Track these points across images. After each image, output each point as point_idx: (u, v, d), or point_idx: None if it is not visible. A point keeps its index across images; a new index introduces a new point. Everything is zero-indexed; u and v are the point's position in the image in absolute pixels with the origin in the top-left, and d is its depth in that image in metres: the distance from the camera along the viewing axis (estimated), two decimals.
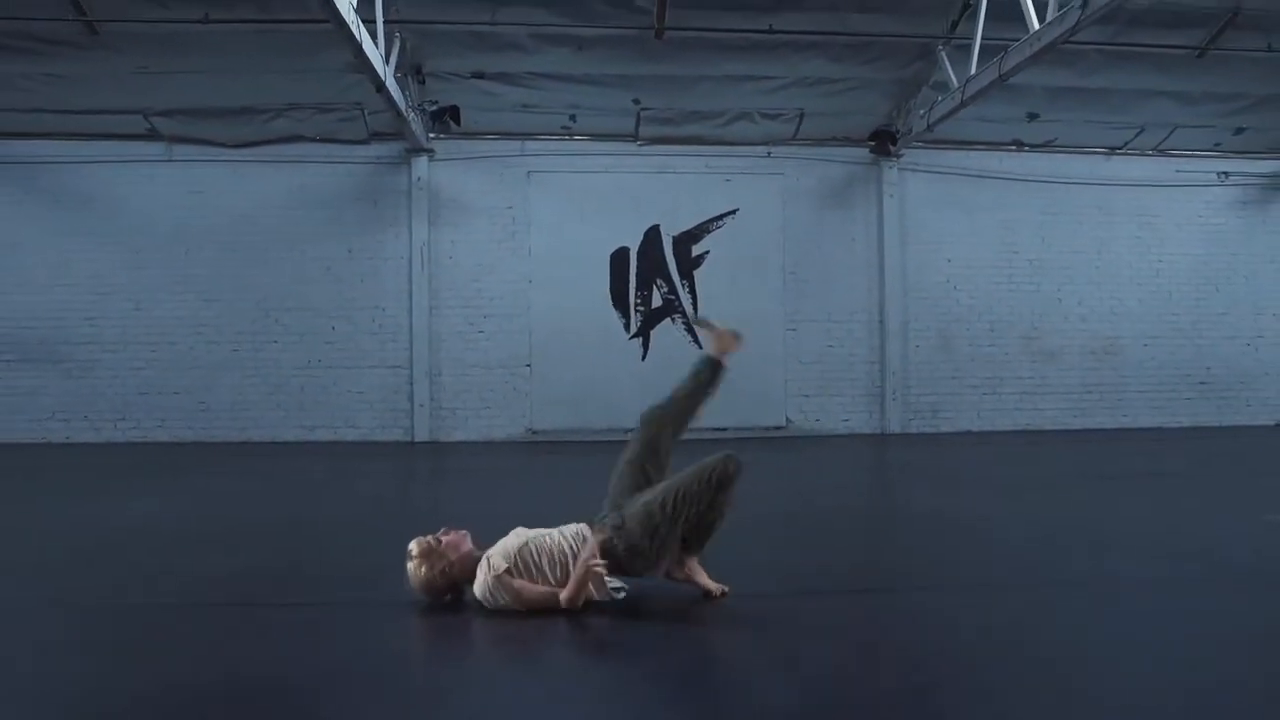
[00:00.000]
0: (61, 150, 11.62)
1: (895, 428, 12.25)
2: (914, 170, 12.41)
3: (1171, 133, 12.46)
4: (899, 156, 12.20)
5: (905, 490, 8.66)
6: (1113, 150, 12.75)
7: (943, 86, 10.75)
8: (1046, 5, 8.30)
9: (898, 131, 11.74)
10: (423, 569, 3.77)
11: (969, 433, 12.31)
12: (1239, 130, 12.39)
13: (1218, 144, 12.82)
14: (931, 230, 12.44)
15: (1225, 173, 12.90)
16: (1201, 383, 12.85)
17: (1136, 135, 12.48)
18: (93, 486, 8.34)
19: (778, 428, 12.07)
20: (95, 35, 10.00)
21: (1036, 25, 8.53)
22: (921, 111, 11.23)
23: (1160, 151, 12.80)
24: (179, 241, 11.73)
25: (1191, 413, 12.80)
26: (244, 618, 3.92)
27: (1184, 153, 12.85)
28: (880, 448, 11.55)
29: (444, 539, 3.80)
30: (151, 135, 11.62)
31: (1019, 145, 12.53)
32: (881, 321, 12.31)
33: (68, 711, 2.93)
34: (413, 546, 3.80)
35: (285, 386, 11.77)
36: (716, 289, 12.11)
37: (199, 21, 9.78)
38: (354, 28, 8.03)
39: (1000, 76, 9.23)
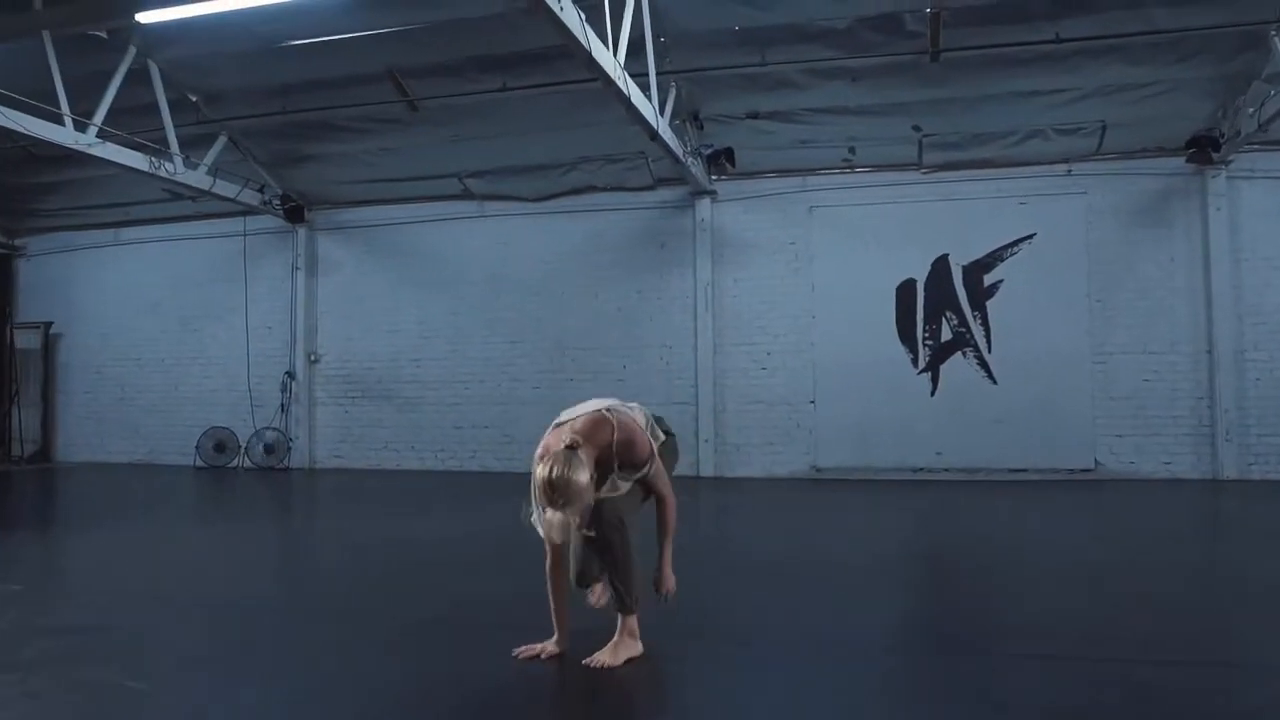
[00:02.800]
0: (393, 214, 13.27)
1: (1231, 472, 10.74)
2: (1248, 177, 10.91)
3: None
4: (1226, 163, 10.80)
5: (1237, 546, 7.57)
6: None
7: (1278, 79, 9.39)
8: None
9: (1222, 136, 10.38)
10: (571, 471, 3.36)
11: None
12: None
13: None
14: (1272, 245, 10.85)
15: None
16: None
17: None
18: (425, 507, 9.45)
19: (1085, 470, 11.02)
20: (415, 112, 11.35)
21: None
22: (1251, 110, 9.85)
23: None
24: (490, 289, 12.90)
25: None
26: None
27: None
28: (1211, 495, 10.18)
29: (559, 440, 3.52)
30: (465, 195, 12.92)
31: None
32: (1210, 351, 10.89)
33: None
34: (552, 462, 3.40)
35: None
36: (1013, 320, 11.34)
37: (498, 90, 10.82)
38: (621, 84, 8.47)
39: None
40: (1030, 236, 11.38)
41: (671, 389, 12.24)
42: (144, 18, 8.74)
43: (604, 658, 3.74)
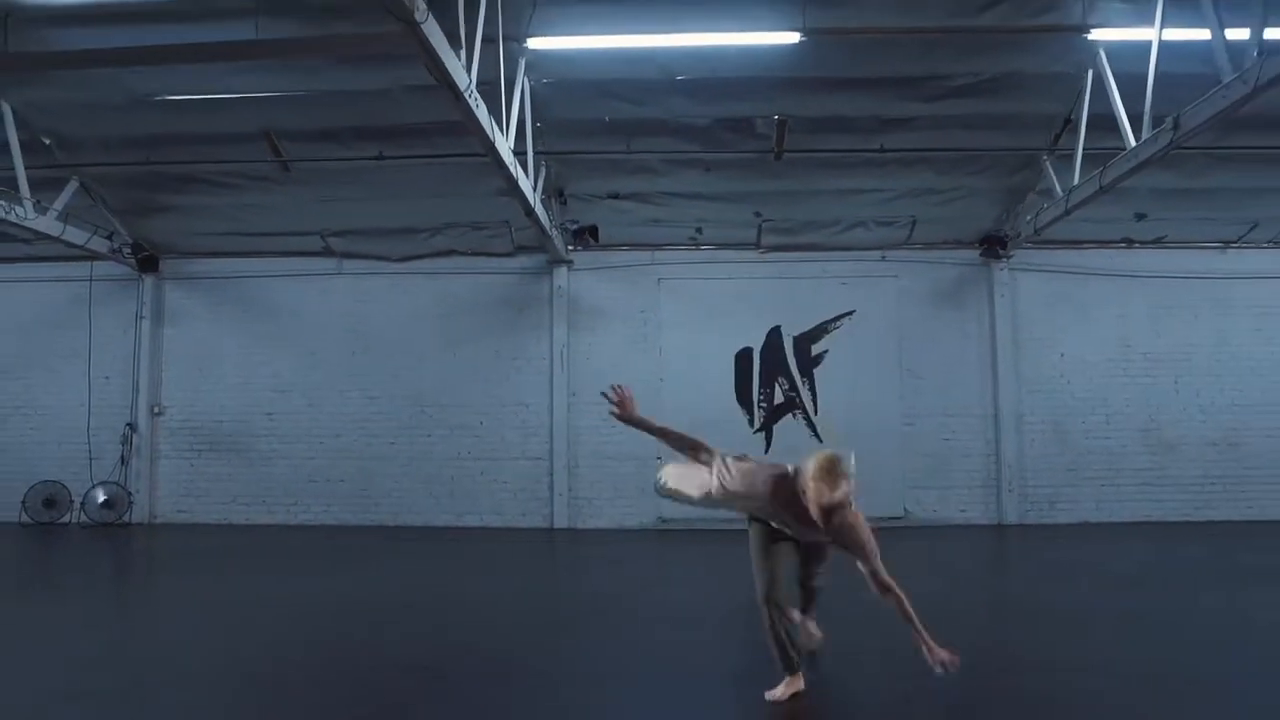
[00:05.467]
0: (251, 266, 13.32)
1: (1012, 518, 12.58)
2: (1025, 269, 12.95)
3: None
4: (1009, 257, 12.78)
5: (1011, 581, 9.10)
6: (1227, 244, 13.01)
7: (1048, 194, 11.36)
8: (1143, 123, 8.91)
9: (1006, 236, 12.35)
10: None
11: (1086, 523, 12.53)
12: None
13: None
14: (1044, 326, 12.91)
15: None
16: None
17: (1250, 230, 12.74)
18: (285, 566, 9.59)
19: (895, 517, 12.55)
20: (287, 172, 11.63)
21: (1134, 143, 9.13)
22: (1029, 217, 11.84)
23: (1277, 244, 12.98)
24: (347, 345, 13.18)
25: None
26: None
27: None
28: (996, 537, 11.93)
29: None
30: (326, 252, 13.19)
31: (1129, 243, 12.95)
32: (996, 415, 12.76)
33: None
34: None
35: (438, 476, 12.94)
36: (836, 386, 12.83)
37: (374, 158, 11.30)
38: (511, 166, 9.25)
39: (1101, 188, 9.81)
40: (851, 313, 12.95)
41: (527, 445, 12.93)
42: None
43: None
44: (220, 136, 11.14)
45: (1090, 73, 9.85)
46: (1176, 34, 8.63)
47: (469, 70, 7.58)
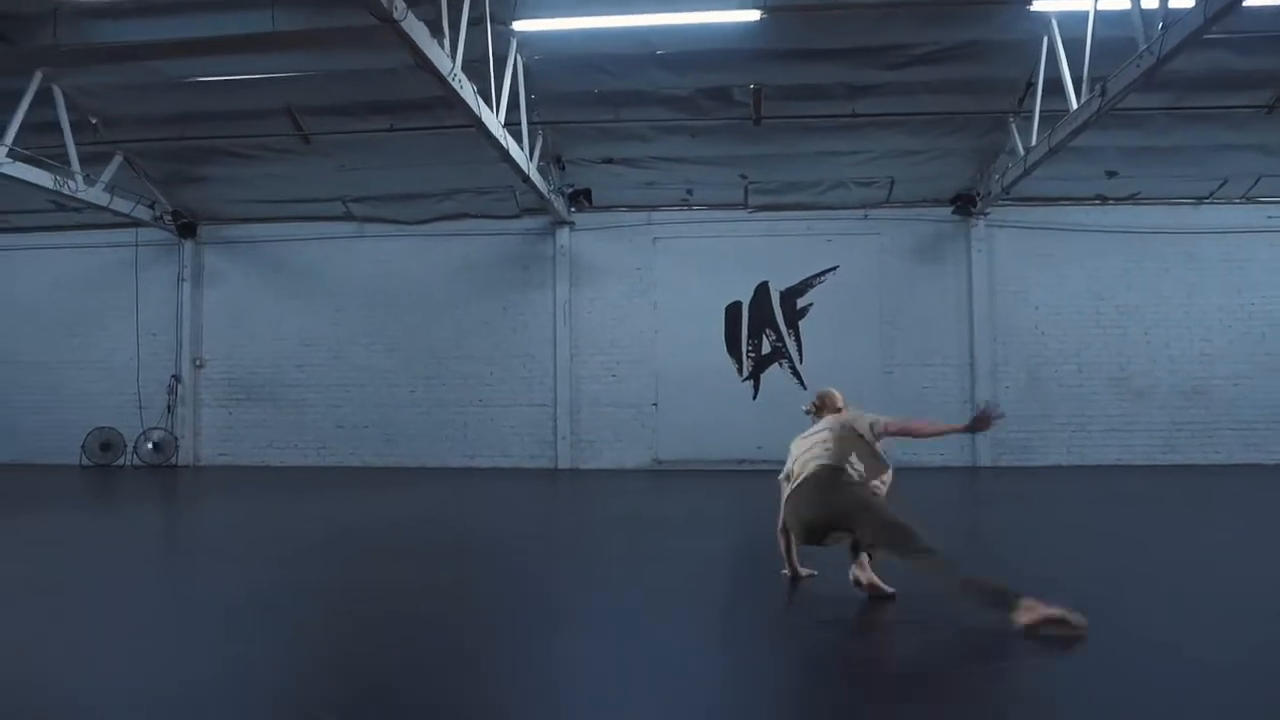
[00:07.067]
0: (280, 231, 14.50)
1: (986, 461, 13.41)
2: (1001, 226, 13.64)
3: (1257, 182, 13.18)
4: (985, 215, 13.47)
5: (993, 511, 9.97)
6: (1200, 200, 13.55)
7: (1015, 154, 12.03)
8: (1083, 87, 9.56)
9: (978, 194, 13.05)
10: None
11: (1059, 466, 13.31)
12: None
13: None
14: (1019, 280, 13.62)
15: None
16: None
17: (1221, 186, 13.26)
18: (320, 495, 10.85)
19: None
20: (307, 144, 12.70)
21: (1075, 105, 9.79)
22: (998, 176, 12.52)
23: (1249, 200, 13.50)
24: (369, 302, 14.33)
25: None
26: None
27: (1274, 200, 13.48)
28: (971, 479, 12.77)
29: None
30: (348, 217, 14.30)
31: (1103, 200, 13.56)
32: (972, 364, 13.54)
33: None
34: None
35: (452, 422, 14.11)
36: (820, 337, 13.70)
37: (385, 130, 12.32)
38: (501, 139, 10.22)
39: (1050, 149, 10.50)
40: (834, 268, 13.77)
41: (533, 393, 14.02)
42: None
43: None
44: (246, 113, 12.23)
45: (1045, 40, 10.49)
46: (1113, 2, 9.26)
47: (453, 56, 8.54)
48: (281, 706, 3.36)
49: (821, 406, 5.68)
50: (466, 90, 8.96)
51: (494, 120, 9.96)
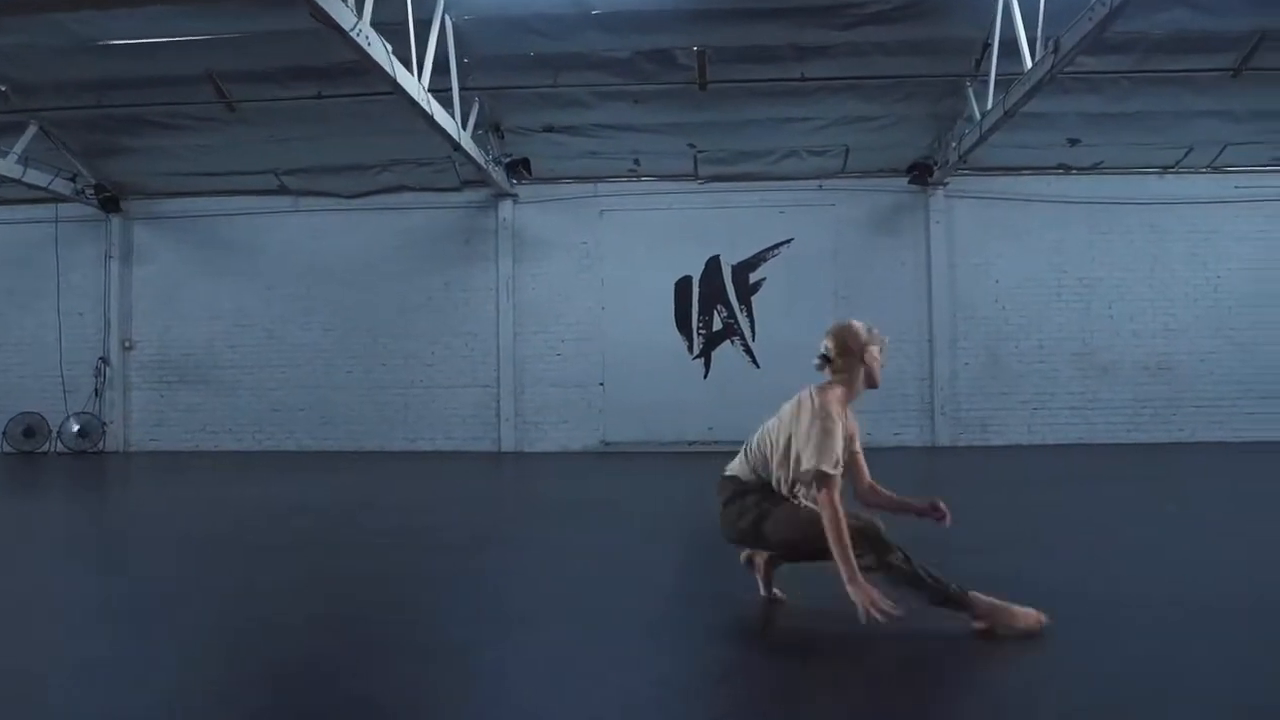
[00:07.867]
0: (211, 206, 13.84)
1: (944, 440, 12.96)
2: (961, 196, 13.14)
3: (1223, 150, 12.72)
4: (944, 185, 12.97)
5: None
6: (1165, 170, 13.10)
7: (974, 120, 11.52)
8: (1036, 46, 9.06)
9: (934, 163, 12.54)
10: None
11: (1018, 446, 12.88)
12: None
13: (1277, 159, 12.98)
14: (979, 253, 13.14)
15: None
16: (1264, 397, 12.95)
17: (1186, 154, 12.81)
18: (251, 479, 10.33)
19: None
20: (233, 112, 12.06)
21: (1029, 66, 9.29)
22: (955, 144, 12.01)
23: (1215, 169, 13.05)
24: (304, 279, 13.71)
25: (1255, 427, 12.88)
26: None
27: (1241, 169, 13.05)
28: (929, 459, 12.31)
29: None
30: (281, 190, 13.67)
31: (1066, 169, 13.08)
32: (930, 340, 13.07)
33: None
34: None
35: (393, 403, 13.55)
36: (773, 313, 13.19)
37: (313, 98, 11.68)
38: (424, 104, 9.61)
39: (1006, 113, 9.99)
40: (788, 241, 13.25)
41: (476, 372, 13.47)
42: None
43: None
44: (168, 79, 11.51)
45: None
46: None
47: (358, 11, 7.94)
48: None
49: (833, 357, 4.14)
50: (378, 49, 8.35)
51: (414, 84, 9.35)
